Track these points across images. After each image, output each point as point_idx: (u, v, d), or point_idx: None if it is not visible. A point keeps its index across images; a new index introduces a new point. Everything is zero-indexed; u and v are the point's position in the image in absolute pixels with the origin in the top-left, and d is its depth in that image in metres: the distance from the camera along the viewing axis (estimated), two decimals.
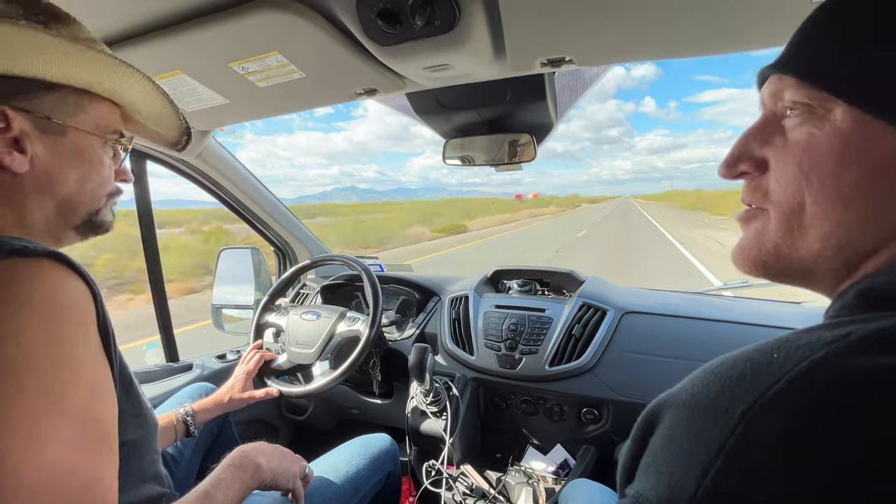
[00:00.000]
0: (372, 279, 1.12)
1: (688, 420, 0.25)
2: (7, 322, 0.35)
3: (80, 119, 0.49)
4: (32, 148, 0.45)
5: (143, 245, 1.21)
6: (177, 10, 0.65)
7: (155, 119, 0.58)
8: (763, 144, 0.33)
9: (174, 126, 0.60)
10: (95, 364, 0.40)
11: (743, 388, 0.23)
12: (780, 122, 0.33)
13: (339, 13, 0.64)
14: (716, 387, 0.25)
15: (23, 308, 0.36)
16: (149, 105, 0.55)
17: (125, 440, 0.41)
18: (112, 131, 0.52)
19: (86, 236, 0.54)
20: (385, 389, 1.30)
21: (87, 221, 0.52)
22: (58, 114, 0.47)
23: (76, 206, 0.50)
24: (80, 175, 0.50)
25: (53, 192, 0.48)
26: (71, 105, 0.48)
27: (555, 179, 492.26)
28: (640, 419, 0.30)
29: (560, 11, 0.60)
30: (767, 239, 0.32)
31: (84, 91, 0.48)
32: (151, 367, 1.23)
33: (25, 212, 0.47)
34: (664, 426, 0.27)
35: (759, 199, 0.33)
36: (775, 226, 0.32)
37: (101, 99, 0.51)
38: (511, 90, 0.95)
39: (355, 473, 0.88)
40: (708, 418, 0.24)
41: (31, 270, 0.38)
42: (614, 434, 1.05)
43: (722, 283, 1.44)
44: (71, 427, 0.35)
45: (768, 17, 0.59)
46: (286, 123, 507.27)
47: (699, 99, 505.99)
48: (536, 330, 1.13)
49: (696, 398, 0.25)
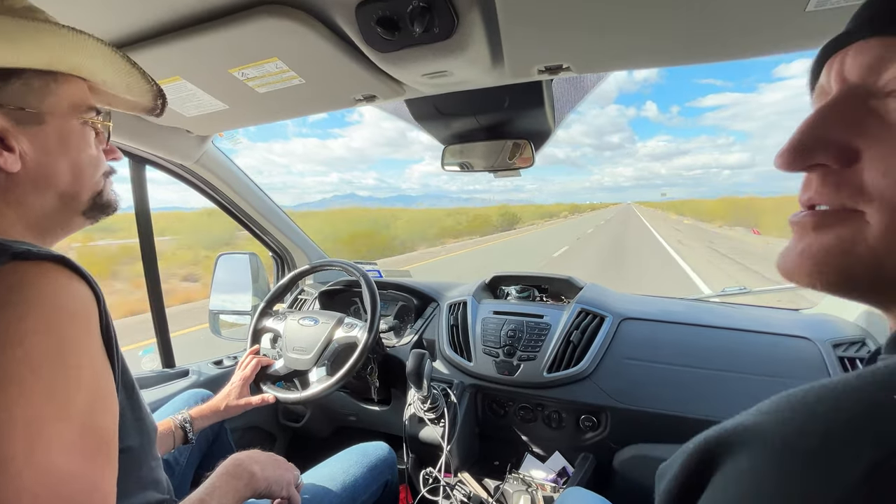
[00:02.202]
0: (370, 285, 1.12)
1: (781, 468, 0.20)
2: (12, 326, 0.35)
3: (52, 102, 0.47)
4: (18, 145, 0.44)
5: (141, 250, 1.21)
6: (178, 17, 0.65)
7: (125, 87, 0.55)
8: (849, 130, 0.27)
9: (146, 90, 0.56)
10: (98, 369, 0.40)
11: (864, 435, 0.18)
12: (872, 102, 0.26)
13: (338, 20, 0.64)
14: (819, 428, 0.20)
15: (28, 312, 0.36)
16: (114, 73, 0.52)
17: (125, 446, 0.41)
18: (87, 108, 0.50)
19: (95, 219, 0.54)
20: (382, 396, 1.29)
21: (92, 205, 0.52)
22: (28, 101, 0.45)
23: (77, 194, 0.50)
24: (72, 163, 0.49)
25: (51, 186, 0.47)
26: (38, 90, 0.45)
27: (556, 186, 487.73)
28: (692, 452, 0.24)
29: (558, 19, 0.60)
30: (864, 246, 0.26)
31: (47, 72, 0.46)
32: (147, 372, 1.23)
33: (26, 209, 0.47)
34: (737, 470, 0.21)
35: (847, 198, 0.27)
36: (879, 230, 0.25)
37: (66, 76, 0.48)
38: (509, 97, 0.96)
39: (353, 482, 0.87)
40: (815, 469, 0.19)
41: (35, 274, 0.38)
42: (613, 441, 1.05)
43: None
44: (73, 431, 0.35)
45: (763, 26, 0.60)
46: (281, 129, 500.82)
47: (702, 104, 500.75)
48: (535, 336, 1.12)
49: (789, 440, 0.20)
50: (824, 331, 1.00)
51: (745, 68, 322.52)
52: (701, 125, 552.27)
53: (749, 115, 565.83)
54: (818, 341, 0.96)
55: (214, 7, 0.63)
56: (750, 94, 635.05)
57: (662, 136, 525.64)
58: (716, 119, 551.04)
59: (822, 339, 0.97)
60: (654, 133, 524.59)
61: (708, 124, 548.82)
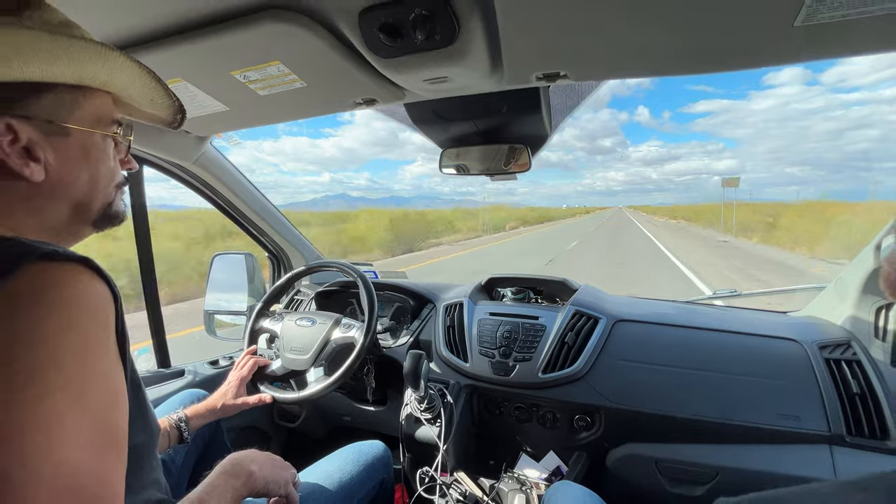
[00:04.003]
0: (367, 285, 1.13)
1: None
2: (38, 325, 0.36)
3: (79, 116, 0.48)
4: (44, 155, 0.45)
5: (138, 250, 1.21)
6: (182, 20, 0.66)
7: (149, 101, 0.57)
8: None
9: (167, 105, 0.58)
10: (113, 368, 0.41)
11: None
12: None
13: (341, 26, 0.65)
14: None
15: (53, 311, 0.37)
16: (140, 88, 0.53)
17: (132, 444, 0.42)
18: (111, 122, 0.52)
19: (102, 229, 0.54)
20: (379, 396, 1.30)
21: (102, 216, 0.53)
22: (58, 115, 0.46)
23: (90, 204, 0.51)
24: (91, 174, 0.50)
25: (68, 195, 0.48)
26: (68, 104, 0.47)
27: (548, 189, 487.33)
28: None
29: (556, 28, 0.62)
30: None
31: (77, 86, 0.47)
32: (143, 372, 1.22)
33: (44, 217, 0.48)
34: None
35: None
36: None
37: (94, 90, 0.49)
38: (507, 102, 0.97)
39: (349, 480, 0.87)
40: None
41: (61, 274, 0.39)
42: (606, 441, 1.07)
43: None
44: (89, 427, 0.36)
45: (753, 40, 0.62)
46: (271, 128, 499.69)
47: (693, 109, 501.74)
48: (530, 337, 1.14)
49: None
50: (811, 333, 1.03)
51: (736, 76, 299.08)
52: (692, 131, 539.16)
53: (739, 122, 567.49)
54: (805, 343, 0.99)
55: (219, 11, 0.64)
56: (740, 101, 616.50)
57: (654, 141, 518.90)
58: (706, 125, 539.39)
59: (809, 340, 0.99)
60: (645, 138, 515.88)
61: (699, 130, 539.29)
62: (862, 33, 0.57)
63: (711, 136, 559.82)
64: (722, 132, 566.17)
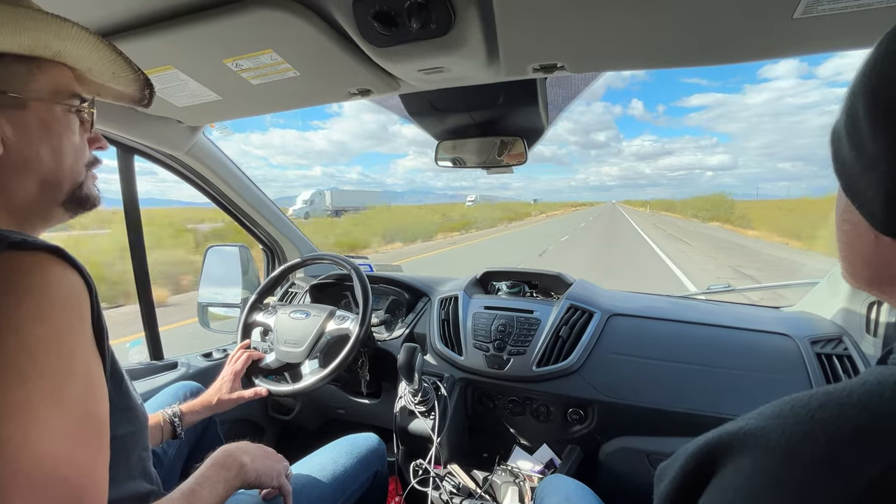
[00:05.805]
0: (362, 278, 1.12)
1: (781, 475, 0.20)
2: (8, 314, 0.36)
3: (35, 87, 0.47)
4: (1, 129, 0.44)
5: (130, 242, 1.20)
6: (172, 5, 0.64)
7: (111, 75, 0.55)
8: None
9: (132, 79, 0.56)
10: (90, 357, 0.41)
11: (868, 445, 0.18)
12: None
13: (335, 13, 0.64)
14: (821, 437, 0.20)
15: (23, 300, 0.37)
16: (99, 61, 0.52)
17: (114, 434, 0.41)
18: (70, 95, 0.50)
19: (75, 213, 0.53)
20: (373, 389, 1.30)
21: (72, 197, 0.52)
22: (10, 85, 0.45)
23: (58, 182, 0.50)
24: (53, 149, 0.49)
25: (32, 171, 0.47)
26: (20, 74, 0.46)
27: (541, 184, 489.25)
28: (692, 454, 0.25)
29: (554, 19, 0.61)
30: None
31: (30, 57, 0.46)
32: (135, 364, 1.21)
33: (8, 195, 0.46)
34: (738, 473, 0.21)
35: None
36: None
37: (49, 63, 0.48)
38: (503, 94, 0.97)
39: (342, 472, 0.88)
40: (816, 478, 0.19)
41: (30, 263, 0.39)
42: (599, 434, 1.07)
43: None
44: (67, 417, 0.36)
45: (752, 32, 0.61)
46: (258, 120, 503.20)
47: (687, 103, 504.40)
48: (524, 331, 1.14)
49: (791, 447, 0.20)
50: (803, 328, 1.03)
51: (731, 68, 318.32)
52: (686, 125, 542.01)
53: (733, 117, 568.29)
54: (797, 338, 0.99)
55: None
56: (734, 94, 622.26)
57: (648, 135, 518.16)
58: (700, 119, 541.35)
59: (800, 335, 1.00)
60: (639, 132, 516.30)
61: (692, 125, 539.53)
62: (861, 26, 0.57)
63: (705, 130, 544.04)
64: (716, 127, 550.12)
